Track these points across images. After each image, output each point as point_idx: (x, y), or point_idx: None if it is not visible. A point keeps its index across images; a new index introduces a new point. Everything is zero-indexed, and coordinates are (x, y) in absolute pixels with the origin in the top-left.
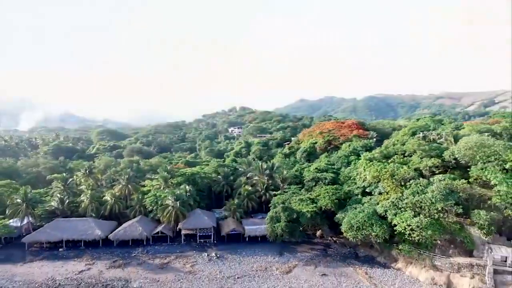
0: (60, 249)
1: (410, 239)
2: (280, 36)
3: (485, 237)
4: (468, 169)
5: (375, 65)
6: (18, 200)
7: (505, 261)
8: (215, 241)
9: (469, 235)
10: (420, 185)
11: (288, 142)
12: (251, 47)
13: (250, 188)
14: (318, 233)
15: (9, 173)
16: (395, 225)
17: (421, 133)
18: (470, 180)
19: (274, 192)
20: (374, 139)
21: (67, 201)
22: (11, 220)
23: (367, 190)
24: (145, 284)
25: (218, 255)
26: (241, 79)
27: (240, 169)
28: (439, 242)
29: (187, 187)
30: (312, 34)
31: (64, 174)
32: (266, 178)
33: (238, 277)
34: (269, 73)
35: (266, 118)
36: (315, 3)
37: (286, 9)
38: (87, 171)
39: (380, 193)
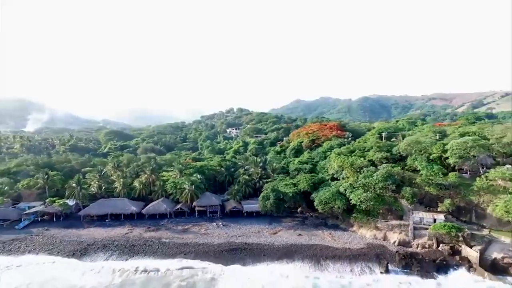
0: (106, 220)
1: (361, 208)
2: (278, 36)
3: (410, 206)
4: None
5: (371, 66)
6: (74, 185)
7: (422, 221)
8: (221, 216)
9: (400, 204)
10: (370, 171)
11: (280, 142)
12: (250, 47)
13: (247, 177)
14: (299, 209)
15: (48, 167)
16: (351, 199)
17: (383, 133)
18: (406, 167)
19: (266, 180)
20: (350, 138)
21: (104, 187)
22: (66, 200)
23: (335, 176)
24: (173, 239)
25: (224, 224)
26: (239, 79)
27: (239, 163)
28: (381, 211)
29: (198, 175)
30: (310, 34)
31: (99, 167)
32: (260, 169)
33: (239, 236)
34: (267, 73)
35: (262, 119)
36: (313, 4)
37: (285, 10)
38: (115, 165)
39: (343, 178)
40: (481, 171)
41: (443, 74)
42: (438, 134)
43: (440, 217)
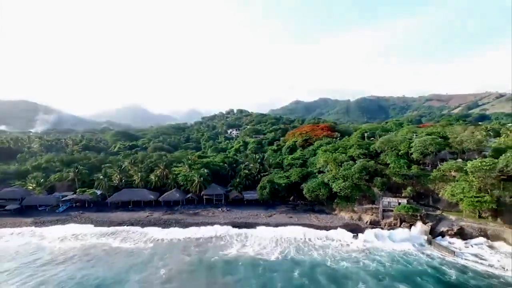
0: (129, 206)
1: (342, 195)
2: (278, 38)
3: (380, 192)
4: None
5: (370, 67)
6: (101, 177)
7: (389, 204)
8: (225, 203)
9: (373, 191)
10: (349, 165)
11: (277, 141)
12: (250, 49)
13: (247, 172)
14: (291, 198)
15: (72, 163)
16: (333, 188)
17: (366, 133)
18: (379, 161)
19: (264, 174)
20: (338, 138)
21: (124, 180)
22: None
23: (322, 170)
24: (187, 220)
25: (227, 209)
26: (239, 80)
27: (240, 160)
28: (357, 197)
29: (205, 170)
30: (309, 35)
31: (119, 163)
32: (258, 165)
33: (241, 218)
34: (266, 75)
35: (261, 120)
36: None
37: (285, 10)
38: (132, 161)
39: (328, 171)
40: (439, 165)
41: (440, 75)
42: (415, 134)
43: (403, 201)
